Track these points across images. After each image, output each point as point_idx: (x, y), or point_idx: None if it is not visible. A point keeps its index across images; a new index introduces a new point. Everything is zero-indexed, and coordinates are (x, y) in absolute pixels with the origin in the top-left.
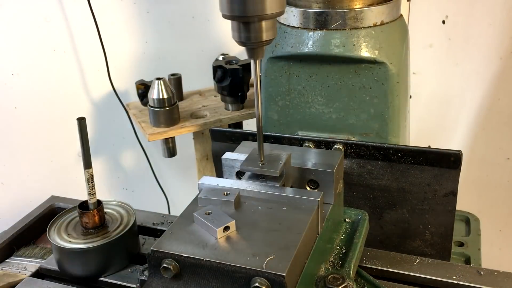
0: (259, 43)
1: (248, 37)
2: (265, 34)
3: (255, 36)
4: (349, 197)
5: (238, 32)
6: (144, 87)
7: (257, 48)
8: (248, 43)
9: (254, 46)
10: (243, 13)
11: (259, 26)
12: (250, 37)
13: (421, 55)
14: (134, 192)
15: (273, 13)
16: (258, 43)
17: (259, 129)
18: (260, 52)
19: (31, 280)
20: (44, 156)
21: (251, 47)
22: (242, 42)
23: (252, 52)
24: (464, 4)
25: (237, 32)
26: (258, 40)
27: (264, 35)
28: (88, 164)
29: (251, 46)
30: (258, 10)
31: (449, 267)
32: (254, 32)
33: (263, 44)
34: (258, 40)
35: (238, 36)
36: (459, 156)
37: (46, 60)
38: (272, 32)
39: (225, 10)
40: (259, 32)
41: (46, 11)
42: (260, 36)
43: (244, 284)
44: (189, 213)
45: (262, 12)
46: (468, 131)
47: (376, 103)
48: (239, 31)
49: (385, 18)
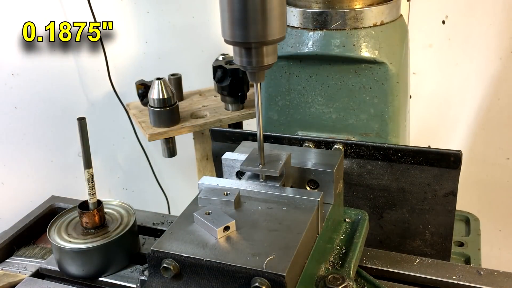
0: (260, 68)
1: (249, 61)
2: (266, 59)
3: (257, 61)
4: (349, 197)
5: (239, 57)
6: (144, 87)
7: (258, 72)
8: (250, 67)
9: (255, 71)
10: (244, 39)
11: (261, 52)
12: (251, 62)
13: (421, 55)
14: (134, 192)
15: (274, 39)
16: (259, 67)
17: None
18: (262, 76)
19: (31, 280)
20: (44, 156)
21: (253, 71)
22: (243, 67)
23: (253, 76)
24: (464, 4)
25: (238, 56)
26: (260, 65)
27: (265, 60)
28: (88, 164)
29: (253, 70)
30: (260, 36)
31: (449, 267)
32: (255, 57)
33: (264, 69)
34: (259, 64)
35: (240, 61)
36: (459, 156)
37: (46, 60)
38: (273, 56)
39: (227, 36)
40: (261, 57)
41: (47, 11)
42: (262, 61)
43: (244, 284)
44: (189, 213)
45: (264, 38)
46: (468, 131)
47: (376, 103)
48: (240, 56)
49: (385, 18)
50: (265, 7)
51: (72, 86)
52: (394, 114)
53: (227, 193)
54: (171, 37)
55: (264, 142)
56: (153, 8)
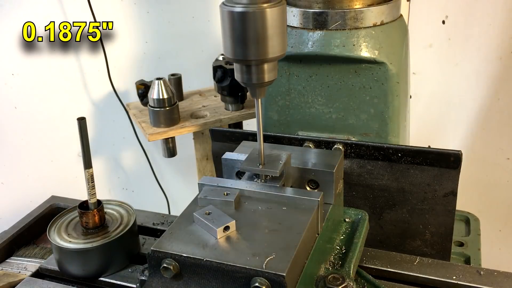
0: (261, 84)
1: (250, 78)
2: (267, 76)
3: (257, 78)
4: (349, 197)
5: (241, 74)
6: (144, 87)
7: (259, 88)
8: (250, 84)
9: (256, 87)
10: (245, 57)
11: (261, 69)
12: (252, 78)
13: (421, 55)
14: (134, 192)
15: (274, 57)
16: (260, 84)
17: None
18: (262, 92)
19: (31, 280)
20: (44, 156)
21: (253, 88)
22: (244, 83)
23: (254, 92)
24: (464, 4)
25: (240, 73)
26: (260, 82)
27: (266, 76)
28: (88, 164)
29: (253, 87)
30: (261, 54)
31: (449, 267)
32: (256, 74)
33: (265, 85)
34: (260, 81)
35: (241, 77)
36: (459, 156)
37: (46, 60)
38: (273, 73)
39: (228, 53)
40: (261, 74)
41: (47, 11)
42: (262, 78)
43: (244, 284)
44: (189, 213)
45: (264, 56)
46: (468, 131)
47: (376, 103)
48: (241, 73)
49: (385, 18)
50: (265, 27)
51: (72, 86)
52: (394, 114)
53: (227, 193)
54: (171, 37)
55: (264, 142)
56: (153, 8)
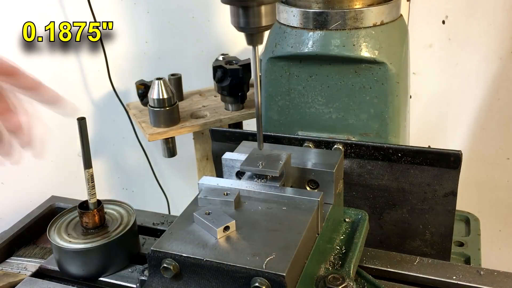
0: (258, 29)
1: (247, 22)
2: (265, 19)
3: (254, 21)
4: (349, 197)
5: (237, 18)
6: (144, 87)
7: (256, 34)
8: (247, 28)
9: (253, 32)
10: None
11: (258, 11)
12: (249, 22)
13: (421, 55)
14: (134, 192)
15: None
16: (257, 28)
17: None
18: (260, 38)
19: (31, 280)
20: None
21: (250, 33)
22: (241, 28)
23: (251, 38)
24: (464, 4)
25: (236, 17)
26: (257, 26)
27: (263, 20)
28: (88, 164)
29: (250, 31)
30: None
31: (449, 267)
32: (253, 17)
33: (262, 30)
34: (257, 25)
35: (237, 22)
36: (459, 156)
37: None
38: (271, 17)
39: None
40: (258, 17)
41: (47, 11)
42: (259, 21)
43: (244, 284)
44: (189, 213)
45: None
46: (468, 131)
47: (376, 103)
48: (238, 17)
49: (385, 18)
50: None
51: (72, 86)
52: (394, 114)
53: (227, 193)
54: (171, 37)
55: (264, 142)
56: (153, 8)
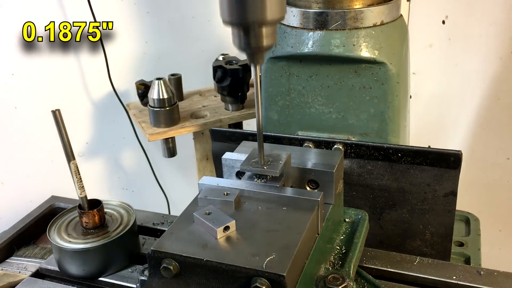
0: (259, 49)
1: (248, 43)
2: (265, 40)
3: (255, 42)
4: (349, 197)
5: (238, 38)
6: (144, 87)
7: (257, 53)
8: (248, 49)
9: (254, 52)
10: (243, 19)
11: (259, 32)
12: (250, 43)
13: (421, 55)
14: (134, 192)
15: (273, 19)
16: (258, 48)
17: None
18: (260, 58)
19: (31, 280)
20: (44, 156)
21: (251, 53)
22: (242, 48)
23: (252, 58)
24: (464, 4)
25: (237, 38)
26: (258, 46)
27: (264, 40)
28: (71, 155)
29: (251, 52)
30: (259, 16)
31: (449, 267)
32: (254, 38)
33: (263, 50)
34: (258, 45)
35: (238, 42)
36: (459, 156)
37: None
38: (272, 37)
39: (225, 16)
40: (259, 38)
41: (47, 11)
42: (261, 42)
43: (244, 284)
44: (189, 213)
45: (263, 18)
46: (468, 131)
47: (376, 103)
48: (239, 37)
49: (385, 18)
50: None
51: (72, 86)
52: (394, 114)
53: (227, 193)
54: (171, 37)
55: (264, 142)
56: (153, 8)
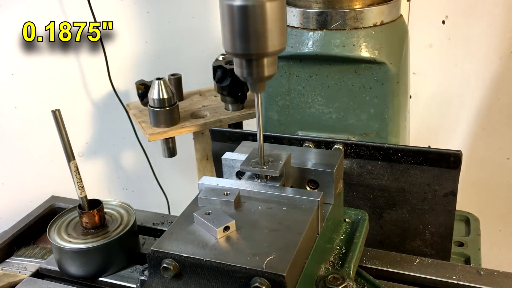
0: (261, 79)
1: (250, 73)
2: (267, 70)
3: (257, 72)
4: (349, 197)
5: (240, 68)
6: (144, 87)
7: (259, 83)
8: (250, 78)
9: (255, 82)
10: (245, 51)
11: (261, 63)
12: (252, 73)
13: (421, 55)
14: (134, 192)
15: (275, 51)
16: (260, 78)
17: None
18: (262, 87)
19: (31, 280)
20: (44, 156)
21: (253, 83)
22: (244, 78)
23: (254, 87)
24: (464, 4)
25: (239, 68)
26: (260, 76)
27: (266, 70)
28: (71, 155)
29: (253, 81)
30: (260, 48)
31: (449, 267)
32: (256, 68)
33: (264, 80)
34: (260, 75)
35: (241, 72)
36: (459, 156)
37: (46, 60)
38: (273, 67)
39: (228, 47)
40: (261, 68)
41: (47, 11)
42: (262, 72)
43: (244, 284)
44: (189, 213)
45: (264, 50)
46: (468, 131)
47: (376, 103)
48: (241, 67)
49: (385, 18)
50: (265, 21)
51: (72, 86)
52: (394, 114)
53: (227, 193)
54: (171, 37)
55: (264, 142)
56: (153, 8)
